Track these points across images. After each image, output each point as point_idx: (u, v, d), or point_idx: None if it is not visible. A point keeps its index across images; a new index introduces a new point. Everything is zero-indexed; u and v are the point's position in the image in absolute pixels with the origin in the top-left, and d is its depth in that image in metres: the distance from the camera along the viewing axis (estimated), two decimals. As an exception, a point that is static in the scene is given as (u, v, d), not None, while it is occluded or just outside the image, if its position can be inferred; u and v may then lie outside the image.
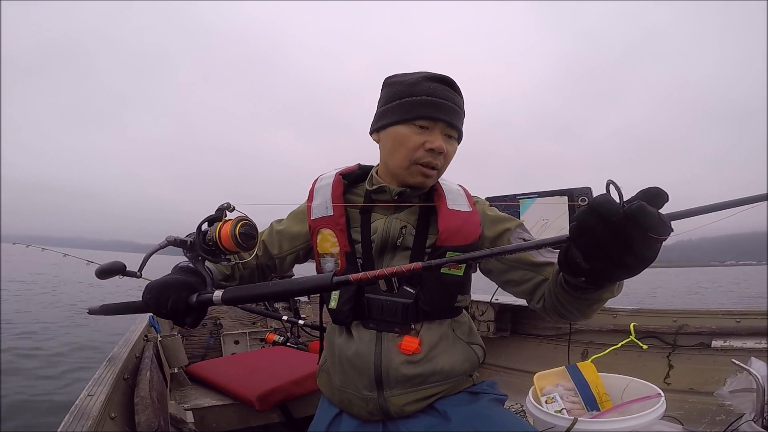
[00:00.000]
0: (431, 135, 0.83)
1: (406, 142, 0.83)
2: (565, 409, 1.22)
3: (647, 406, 1.12)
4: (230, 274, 0.97)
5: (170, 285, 0.73)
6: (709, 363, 1.55)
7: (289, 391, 1.54)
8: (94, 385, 0.91)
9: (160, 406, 1.07)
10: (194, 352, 2.18)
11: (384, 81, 0.91)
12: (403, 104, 0.83)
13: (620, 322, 1.76)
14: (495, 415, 0.85)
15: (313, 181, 0.97)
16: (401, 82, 0.86)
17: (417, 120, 0.82)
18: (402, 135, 0.83)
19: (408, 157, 0.84)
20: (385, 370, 0.84)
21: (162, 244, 0.77)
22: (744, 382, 1.20)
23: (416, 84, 0.84)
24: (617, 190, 0.46)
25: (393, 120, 0.84)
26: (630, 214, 0.43)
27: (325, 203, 0.91)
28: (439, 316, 0.89)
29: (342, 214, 0.90)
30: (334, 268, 0.89)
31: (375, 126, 0.90)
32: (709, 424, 1.34)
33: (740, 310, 1.58)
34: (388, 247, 0.88)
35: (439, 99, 0.82)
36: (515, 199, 2.01)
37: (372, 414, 0.86)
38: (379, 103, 0.90)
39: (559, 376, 1.36)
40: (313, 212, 0.92)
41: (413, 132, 0.83)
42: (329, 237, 0.90)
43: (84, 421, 0.73)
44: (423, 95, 0.82)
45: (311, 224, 0.93)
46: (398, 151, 0.84)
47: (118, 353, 1.16)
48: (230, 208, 0.76)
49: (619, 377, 1.33)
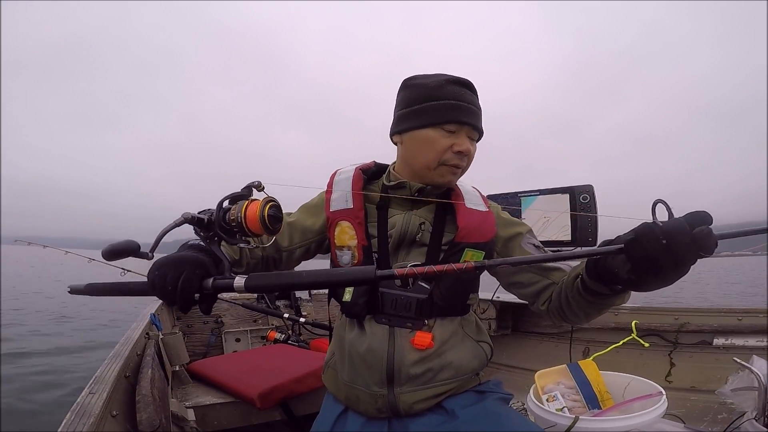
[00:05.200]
0: (458, 138, 0.85)
1: (435, 145, 0.85)
2: (567, 408, 1.22)
3: (648, 404, 1.11)
4: (238, 260, 0.90)
5: (183, 261, 0.63)
6: (710, 361, 1.55)
7: (291, 389, 1.54)
8: (95, 383, 0.90)
9: (162, 404, 1.07)
10: (195, 350, 2.18)
11: (403, 83, 0.92)
12: (429, 108, 0.85)
13: (622, 320, 1.76)
14: (502, 413, 0.85)
15: (332, 174, 0.98)
16: (423, 85, 0.87)
17: (446, 124, 0.84)
18: (430, 138, 0.85)
19: (436, 159, 0.86)
20: (397, 367, 0.85)
21: (177, 222, 0.68)
22: (746, 380, 1.20)
23: (440, 88, 0.85)
24: (668, 209, 0.50)
25: (420, 123, 0.86)
26: (698, 240, 0.49)
27: (345, 196, 0.92)
28: (452, 312, 0.90)
29: (361, 207, 0.91)
30: (350, 261, 0.90)
31: (397, 128, 0.91)
32: (711, 423, 1.34)
33: (742, 308, 1.58)
34: (405, 242, 0.89)
35: (464, 103, 0.85)
36: (516, 197, 2.00)
37: (380, 411, 0.87)
38: (398, 105, 0.91)
39: (560, 374, 1.36)
40: (332, 204, 0.93)
41: (441, 135, 0.85)
42: (348, 230, 0.91)
43: (85, 419, 0.73)
44: (449, 99, 0.84)
45: (330, 216, 0.93)
46: (426, 154, 0.86)
47: (120, 351, 1.16)
48: (260, 186, 0.69)
49: (621, 375, 1.32)
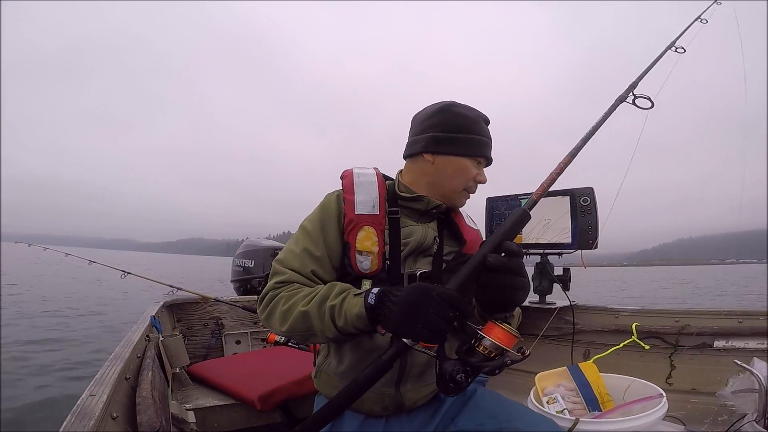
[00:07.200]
0: (479, 169, 0.98)
1: (467, 173, 0.96)
2: (567, 410, 1.22)
3: (649, 406, 1.11)
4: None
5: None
6: (711, 363, 1.54)
7: (291, 391, 1.54)
8: (95, 385, 0.90)
9: (162, 406, 1.07)
10: (196, 352, 2.18)
11: (444, 107, 0.97)
12: (472, 141, 0.95)
13: (622, 322, 1.76)
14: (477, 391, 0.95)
15: (347, 174, 0.97)
16: (466, 117, 0.96)
17: (479, 157, 0.96)
18: (466, 167, 0.96)
19: (464, 184, 0.97)
20: (408, 367, 0.90)
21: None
22: (746, 382, 1.20)
23: (477, 123, 0.96)
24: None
25: (461, 152, 0.95)
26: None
27: (372, 201, 0.93)
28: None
29: (384, 215, 0.94)
30: (369, 267, 0.90)
31: (436, 149, 0.95)
32: (711, 425, 1.34)
33: (743, 310, 1.57)
34: (417, 251, 0.95)
35: (490, 140, 0.98)
36: (516, 200, 2.01)
37: (386, 409, 0.90)
38: (435, 127, 0.96)
39: (560, 376, 1.36)
40: (358, 207, 0.92)
41: (473, 165, 0.96)
42: (372, 235, 0.91)
43: (86, 421, 0.73)
44: (483, 136, 0.97)
45: (354, 218, 0.91)
46: (458, 179, 0.96)
47: (120, 353, 1.16)
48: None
49: (621, 377, 1.32)
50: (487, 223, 2.09)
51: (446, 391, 0.68)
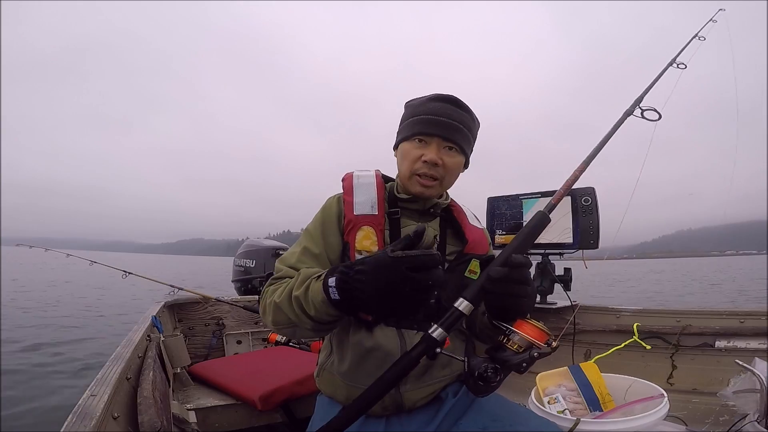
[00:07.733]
0: (427, 148, 0.93)
1: (407, 155, 0.94)
2: (568, 410, 1.22)
3: (650, 406, 1.11)
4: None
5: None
6: (712, 363, 1.54)
7: (292, 391, 1.54)
8: (96, 385, 0.91)
9: (163, 406, 1.07)
10: (197, 352, 2.18)
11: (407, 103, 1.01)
12: (408, 123, 0.95)
13: (623, 322, 1.76)
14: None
15: (347, 177, 0.99)
16: (411, 105, 0.97)
17: (416, 136, 0.93)
18: (405, 150, 0.95)
19: (410, 168, 0.94)
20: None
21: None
22: (748, 382, 1.20)
23: (421, 105, 0.95)
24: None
25: (401, 137, 0.97)
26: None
27: (371, 201, 0.94)
28: None
29: (384, 215, 0.95)
30: None
31: (395, 144, 1.01)
32: (713, 425, 1.34)
33: (744, 310, 1.57)
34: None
35: (436, 116, 0.92)
36: (518, 199, 2.01)
37: (386, 409, 0.90)
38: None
39: (561, 376, 1.36)
40: (357, 207, 0.94)
41: (413, 146, 0.94)
42: (371, 235, 0.92)
43: (87, 421, 0.73)
44: (425, 115, 0.93)
45: (353, 219, 0.93)
46: (403, 164, 0.96)
47: (121, 353, 1.16)
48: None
49: (622, 378, 1.32)
50: (488, 223, 2.09)
51: (475, 391, 0.66)
